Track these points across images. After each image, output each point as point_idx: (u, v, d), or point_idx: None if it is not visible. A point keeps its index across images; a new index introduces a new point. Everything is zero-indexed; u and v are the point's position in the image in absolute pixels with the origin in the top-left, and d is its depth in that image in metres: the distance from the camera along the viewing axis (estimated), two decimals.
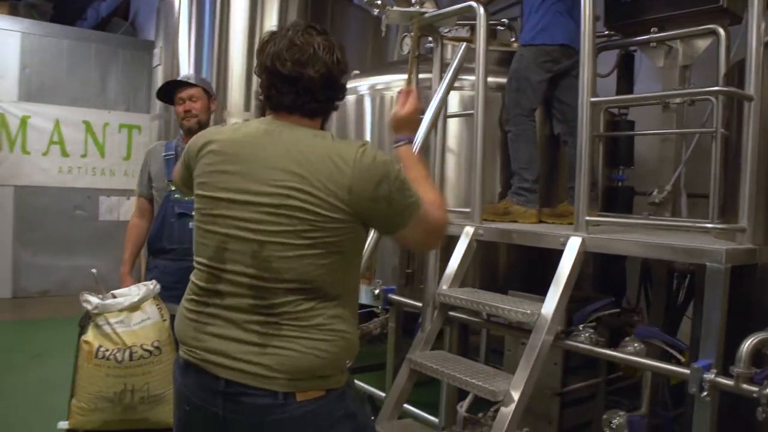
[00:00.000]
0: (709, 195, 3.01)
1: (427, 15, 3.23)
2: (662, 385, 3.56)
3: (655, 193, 3.58)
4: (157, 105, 6.38)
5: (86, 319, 2.89)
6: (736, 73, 2.63)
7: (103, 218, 8.61)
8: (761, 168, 2.29)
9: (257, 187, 1.66)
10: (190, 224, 3.13)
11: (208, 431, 1.74)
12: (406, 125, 2.03)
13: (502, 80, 3.69)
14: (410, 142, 2.01)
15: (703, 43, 3.55)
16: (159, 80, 6.36)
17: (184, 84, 3.36)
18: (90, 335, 2.77)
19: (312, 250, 1.64)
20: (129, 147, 8.71)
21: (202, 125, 3.27)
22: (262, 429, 1.67)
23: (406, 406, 3.25)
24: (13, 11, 8.43)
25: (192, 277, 1.84)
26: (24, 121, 8.04)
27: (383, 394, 3.44)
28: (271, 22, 5.62)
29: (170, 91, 3.39)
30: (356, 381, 4.40)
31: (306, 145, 1.68)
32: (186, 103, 3.30)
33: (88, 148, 8.48)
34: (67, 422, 2.81)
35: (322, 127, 1.82)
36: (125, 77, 8.65)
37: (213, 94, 3.45)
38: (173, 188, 3.23)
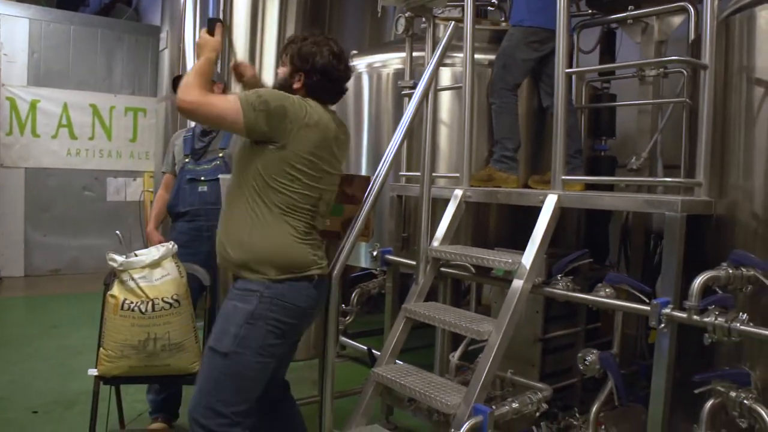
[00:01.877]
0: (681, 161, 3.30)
1: None
2: (640, 338, 3.88)
3: (633, 160, 3.86)
4: (164, 88, 6.64)
5: (110, 276, 3.16)
6: (699, 46, 2.90)
7: (111, 199, 8.91)
8: (716, 129, 2.57)
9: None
10: (200, 188, 3.46)
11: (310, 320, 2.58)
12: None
13: (493, 57, 3.95)
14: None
15: (676, 20, 3.81)
16: (165, 64, 6.62)
17: None
18: (116, 290, 3.04)
19: None
20: (135, 129, 8.99)
21: None
22: None
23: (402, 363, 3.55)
24: None
25: (295, 219, 2.42)
26: (33, 105, 8.31)
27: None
28: (273, 5, 5.85)
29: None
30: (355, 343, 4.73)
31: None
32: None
33: (96, 130, 8.76)
34: (96, 369, 3.09)
35: None
36: (130, 62, 8.90)
37: (227, 83, 4.03)
38: (187, 160, 3.62)
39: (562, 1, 2.83)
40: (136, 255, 3.12)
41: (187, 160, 3.63)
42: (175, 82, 3.75)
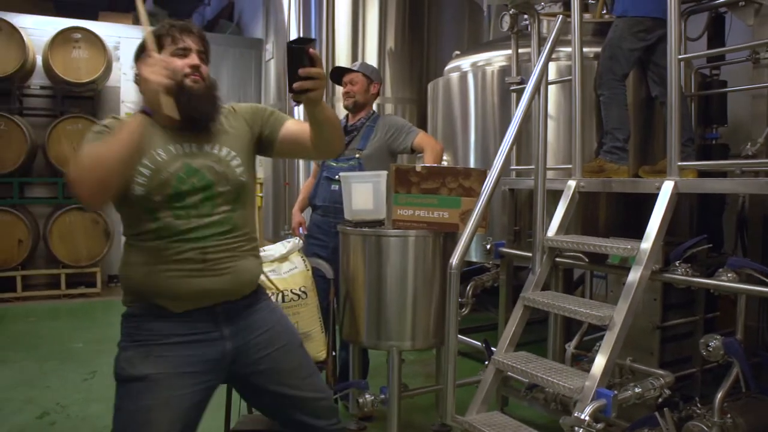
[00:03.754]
0: None
1: None
2: (761, 330, 3.79)
3: (748, 146, 3.78)
4: (271, 95, 6.97)
5: None
6: None
7: None
8: None
9: None
10: (332, 186, 3.66)
11: None
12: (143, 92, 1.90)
13: (597, 49, 3.98)
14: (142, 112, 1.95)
15: None
16: (271, 73, 6.96)
17: (347, 69, 3.95)
18: None
19: None
20: None
21: (359, 104, 3.89)
22: None
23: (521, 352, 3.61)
24: (136, 21, 9.26)
25: None
26: None
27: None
28: (373, 11, 6.06)
29: (337, 75, 4.01)
30: (466, 338, 4.82)
31: None
32: (347, 86, 3.86)
33: None
34: None
35: None
36: (235, 73, 9.35)
37: (374, 78, 3.95)
38: None
39: None
40: (264, 250, 3.34)
41: None
42: (334, 75, 4.03)
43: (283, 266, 3.28)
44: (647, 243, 2.76)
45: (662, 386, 2.88)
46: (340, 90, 4.05)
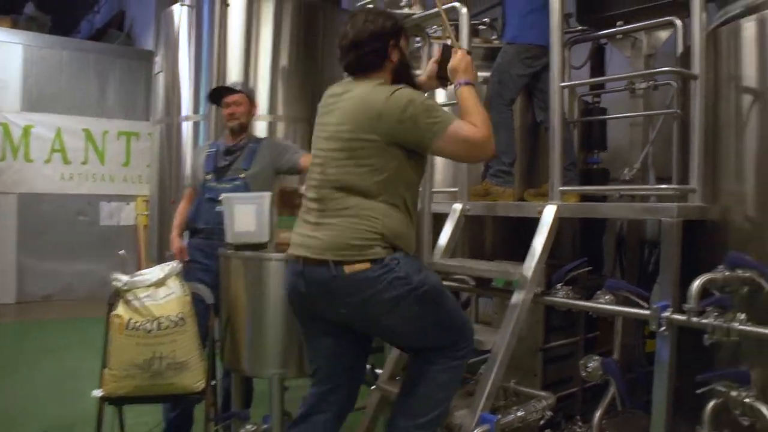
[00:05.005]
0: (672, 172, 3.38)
1: (414, 16, 3.57)
2: (637, 347, 3.94)
3: (626, 171, 3.93)
4: (159, 111, 6.69)
5: (114, 297, 3.18)
6: (688, 58, 2.99)
7: (104, 223, 8.93)
8: (707, 137, 2.66)
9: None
10: (217, 208, 3.49)
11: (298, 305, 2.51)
12: (462, 72, 2.50)
13: (486, 74, 4.04)
14: (467, 84, 2.48)
15: (664, 34, 3.92)
16: (160, 86, 6.67)
17: (231, 90, 3.77)
18: (120, 310, 3.05)
19: (350, 161, 2.32)
20: (128, 153, 9.02)
21: (243, 126, 3.77)
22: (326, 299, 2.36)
23: None
24: (14, 24, 8.73)
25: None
26: (27, 131, 8.35)
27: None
28: (266, 28, 5.94)
29: (218, 94, 3.85)
30: None
31: (357, 95, 2.36)
32: (231, 107, 3.71)
33: (89, 155, 8.80)
34: (100, 390, 3.08)
35: (394, 81, 2.45)
36: (123, 86, 8.97)
37: (253, 100, 3.87)
38: (209, 177, 3.69)
39: (556, 18, 2.92)
40: (141, 275, 3.15)
41: (209, 177, 3.69)
42: (214, 94, 3.86)
43: (160, 292, 3.10)
44: (529, 267, 2.79)
45: (544, 408, 2.90)
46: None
